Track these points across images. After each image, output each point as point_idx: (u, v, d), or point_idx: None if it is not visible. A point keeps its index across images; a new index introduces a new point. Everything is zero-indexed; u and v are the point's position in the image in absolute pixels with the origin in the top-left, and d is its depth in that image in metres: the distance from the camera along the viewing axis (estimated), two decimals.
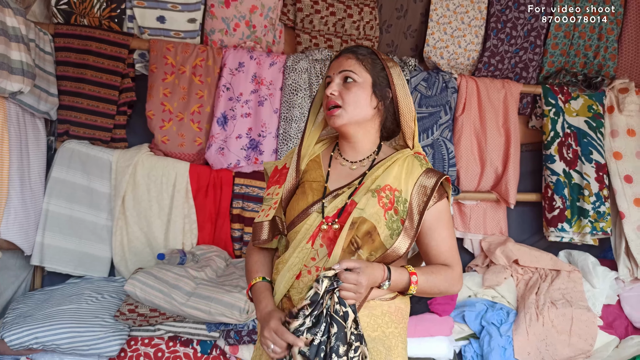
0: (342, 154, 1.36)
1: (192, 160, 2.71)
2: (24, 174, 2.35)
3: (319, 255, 1.24)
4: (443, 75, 2.93)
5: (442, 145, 2.88)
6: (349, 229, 1.21)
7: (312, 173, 1.34)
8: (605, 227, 2.85)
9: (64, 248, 2.50)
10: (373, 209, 1.22)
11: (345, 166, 1.34)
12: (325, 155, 1.39)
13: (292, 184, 1.33)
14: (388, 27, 2.99)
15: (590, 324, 2.55)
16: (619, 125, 3.01)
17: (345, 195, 1.27)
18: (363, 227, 1.22)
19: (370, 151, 1.34)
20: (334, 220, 1.24)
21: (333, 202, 1.27)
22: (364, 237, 1.22)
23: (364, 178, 1.29)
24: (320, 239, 1.24)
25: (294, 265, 1.25)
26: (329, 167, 1.34)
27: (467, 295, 2.72)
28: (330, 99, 1.28)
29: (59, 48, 2.55)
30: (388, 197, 1.24)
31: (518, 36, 3.00)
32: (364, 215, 1.22)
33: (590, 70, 3.13)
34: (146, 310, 2.25)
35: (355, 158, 1.34)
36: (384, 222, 1.23)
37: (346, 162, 1.34)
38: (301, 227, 1.27)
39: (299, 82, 2.72)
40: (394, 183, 1.26)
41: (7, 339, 2.05)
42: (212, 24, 2.76)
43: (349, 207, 1.24)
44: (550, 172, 2.93)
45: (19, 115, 2.31)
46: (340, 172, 1.33)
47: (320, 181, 1.32)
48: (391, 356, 1.24)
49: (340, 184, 1.30)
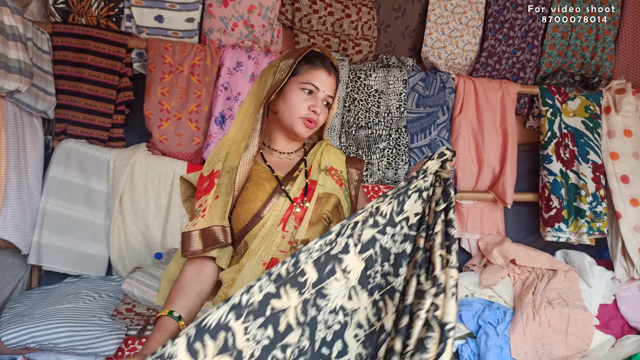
0: (274, 148, 1.40)
1: (190, 159, 2.71)
2: (21, 173, 2.34)
3: (295, 236, 1.25)
4: (441, 76, 2.93)
5: (440, 145, 2.88)
6: (316, 204, 1.29)
7: (253, 167, 1.35)
8: (601, 227, 2.86)
9: (61, 247, 2.50)
10: (332, 184, 1.34)
11: (282, 158, 1.40)
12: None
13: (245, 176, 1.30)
14: (386, 27, 2.99)
15: (587, 323, 2.56)
16: (616, 125, 3.02)
17: (302, 177, 1.33)
18: (331, 202, 1.32)
19: (300, 143, 1.45)
20: (302, 200, 1.29)
21: (294, 184, 1.32)
22: (333, 211, 1.31)
23: (307, 162, 1.38)
24: (292, 220, 1.27)
25: (265, 254, 1.23)
26: (265, 161, 1.37)
27: (464, 295, 2.72)
28: (314, 118, 1.34)
29: (57, 47, 2.55)
30: (337, 176, 1.39)
31: (515, 37, 3.01)
32: (327, 191, 1.32)
33: (587, 71, 3.14)
34: (143, 310, 2.25)
35: (289, 150, 1.41)
36: (343, 195, 1.35)
37: (282, 154, 1.40)
38: (269, 216, 1.27)
39: None
40: (335, 165, 1.41)
41: (4, 338, 2.04)
42: (210, 24, 2.76)
43: (311, 185, 1.32)
44: (547, 172, 2.94)
45: (16, 114, 2.31)
46: (278, 163, 1.38)
47: (266, 171, 1.34)
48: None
49: (285, 172, 1.35)
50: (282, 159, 1.39)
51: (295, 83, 1.34)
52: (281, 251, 1.25)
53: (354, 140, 2.82)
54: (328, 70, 1.36)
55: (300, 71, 1.35)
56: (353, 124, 2.82)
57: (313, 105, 1.33)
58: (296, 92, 1.34)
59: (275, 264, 1.17)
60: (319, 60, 1.36)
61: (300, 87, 1.34)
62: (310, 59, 1.36)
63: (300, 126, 1.33)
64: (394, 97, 2.85)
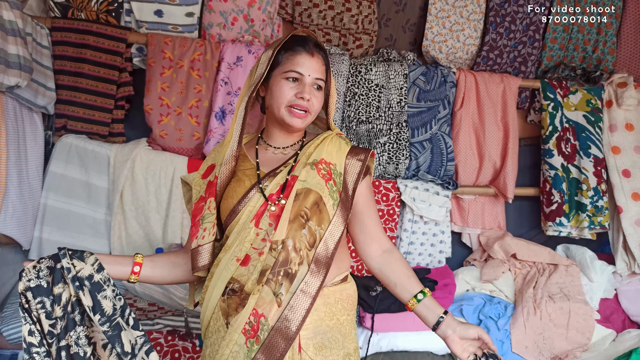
0: (270, 143, 1.38)
1: (191, 154, 2.71)
2: (21, 168, 2.34)
3: (269, 234, 1.23)
4: (442, 70, 2.92)
5: (441, 140, 2.88)
6: (294, 200, 1.24)
7: (242, 164, 1.35)
8: (603, 221, 2.86)
9: (62, 243, 2.49)
10: (314, 180, 1.26)
11: (277, 153, 1.36)
12: (250, 148, 1.39)
13: (229, 171, 1.31)
14: (387, 21, 2.98)
15: (588, 317, 2.56)
16: (618, 119, 3.01)
17: (284, 172, 1.30)
18: (310, 198, 1.24)
19: (299, 136, 1.39)
20: (278, 197, 1.26)
21: (273, 180, 1.29)
22: (312, 207, 1.24)
23: (297, 157, 1.32)
24: (267, 217, 1.24)
25: (239, 250, 1.24)
26: (257, 157, 1.35)
27: (465, 290, 2.72)
28: (304, 105, 1.28)
29: (57, 42, 2.54)
30: (325, 169, 1.29)
31: (517, 30, 3.00)
32: (307, 187, 1.25)
33: (589, 65, 3.13)
34: (145, 305, 2.25)
35: (285, 144, 1.37)
36: (327, 191, 1.27)
37: (277, 149, 1.37)
38: (244, 211, 1.27)
39: None
40: (328, 157, 1.32)
41: (6, 334, 2.05)
42: (210, 18, 2.75)
43: (291, 181, 1.27)
44: (549, 166, 2.93)
45: (16, 110, 2.31)
46: (270, 159, 1.35)
47: (252, 168, 1.33)
48: (346, 342, 1.29)
49: (273, 167, 1.32)
50: (276, 154, 1.36)
51: (278, 74, 1.30)
52: (255, 248, 1.23)
53: (355, 135, 2.81)
54: (310, 53, 1.30)
55: (282, 60, 1.30)
56: (354, 118, 2.81)
57: (300, 92, 1.28)
58: (280, 82, 1.29)
59: (249, 261, 1.22)
60: (300, 44, 1.31)
61: (284, 77, 1.29)
62: (290, 46, 1.31)
63: (289, 116, 1.29)
64: (394, 92, 2.84)
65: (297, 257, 1.21)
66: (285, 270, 1.20)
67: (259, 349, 1.17)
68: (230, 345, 1.21)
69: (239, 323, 1.20)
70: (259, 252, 1.22)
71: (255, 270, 1.21)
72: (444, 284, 2.56)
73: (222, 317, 1.24)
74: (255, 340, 1.18)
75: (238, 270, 1.23)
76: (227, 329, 1.22)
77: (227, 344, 1.21)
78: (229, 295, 1.23)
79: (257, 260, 1.22)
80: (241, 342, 1.19)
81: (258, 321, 1.19)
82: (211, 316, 1.27)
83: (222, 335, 1.23)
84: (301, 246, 1.22)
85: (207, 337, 1.30)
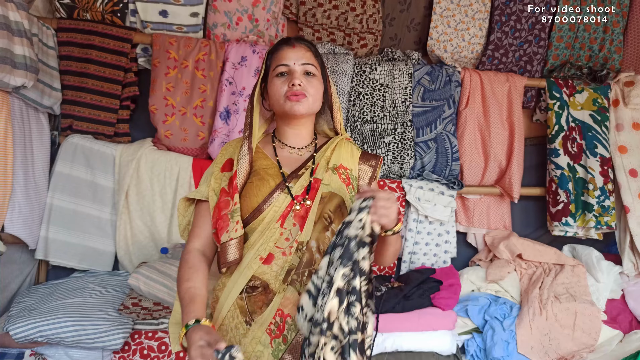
0: (285, 142, 1.39)
1: (195, 154, 2.72)
2: (27, 168, 2.36)
3: (293, 234, 1.26)
4: (447, 69, 2.91)
5: (446, 139, 2.87)
6: (319, 203, 1.28)
7: (261, 162, 1.36)
8: (609, 221, 2.84)
9: (68, 242, 2.51)
10: (337, 184, 1.32)
11: (292, 153, 1.39)
12: (265, 146, 1.41)
13: (246, 172, 1.32)
14: (391, 21, 2.97)
15: (594, 318, 2.54)
16: (624, 118, 2.99)
17: (307, 174, 1.33)
18: (334, 202, 1.30)
19: (311, 138, 1.42)
20: (304, 198, 1.28)
21: (298, 182, 1.31)
22: (335, 211, 1.30)
23: (315, 159, 1.36)
24: (292, 218, 1.27)
25: (263, 249, 1.25)
26: (276, 155, 1.37)
27: (471, 290, 2.71)
28: (297, 90, 1.30)
29: (62, 42, 2.56)
30: (345, 174, 1.36)
31: (522, 29, 2.98)
32: (332, 190, 1.30)
33: (595, 64, 3.11)
34: (150, 304, 2.26)
35: (299, 145, 1.40)
36: (348, 196, 1.33)
37: (292, 149, 1.39)
38: (269, 211, 1.28)
39: None
40: (345, 162, 1.38)
41: (12, 332, 2.06)
42: (214, 18, 2.75)
43: (315, 184, 1.30)
44: (555, 166, 2.91)
45: (22, 110, 2.32)
46: (288, 158, 1.37)
47: (273, 167, 1.34)
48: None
49: (292, 168, 1.34)
50: (292, 154, 1.38)
51: (272, 76, 1.35)
52: (278, 247, 1.25)
53: (359, 135, 2.81)
54: (291, 45, 1.35)
55: (271, 63, 1.37)
56: (358, 118, 2.81)
57: (290, 81, 1.31)
58: (273, 81, 1.34)
59: (271, 260, 1.24)
60: (282, 42, 1.37)
61: (274, 76, 1.34)
62: (275, 47, 1.38)
63: (288, 105, 1.31)
64: (399, 91, 2.83)
65: (321, 258, 1.25)
66: (310, 271, 1.25)
67: (286, 349, 1.20)
68: (253, 344, 1.21)
69: (263, 321, 1.22)
70: (282, 251, 1.25)
71: (282, 270, 1.24)
72: (449, 284, 2.55)
73: (240, 314, 1.24)
74: (282, 340, 1.21)
75: (260, 268, 1.25)
76: (249, 327, 1.22)
77: (249, 342, 1.21)
78: (249, 293, 1.25)
79: (280, 259, 1.25)
80: (266, 341, 1.21)
81: (284, 321, 1.22)
82: (226, 314, 1.26)
83: (241, 333, 1.23)
84: (325, 247, 1.27)
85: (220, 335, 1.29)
